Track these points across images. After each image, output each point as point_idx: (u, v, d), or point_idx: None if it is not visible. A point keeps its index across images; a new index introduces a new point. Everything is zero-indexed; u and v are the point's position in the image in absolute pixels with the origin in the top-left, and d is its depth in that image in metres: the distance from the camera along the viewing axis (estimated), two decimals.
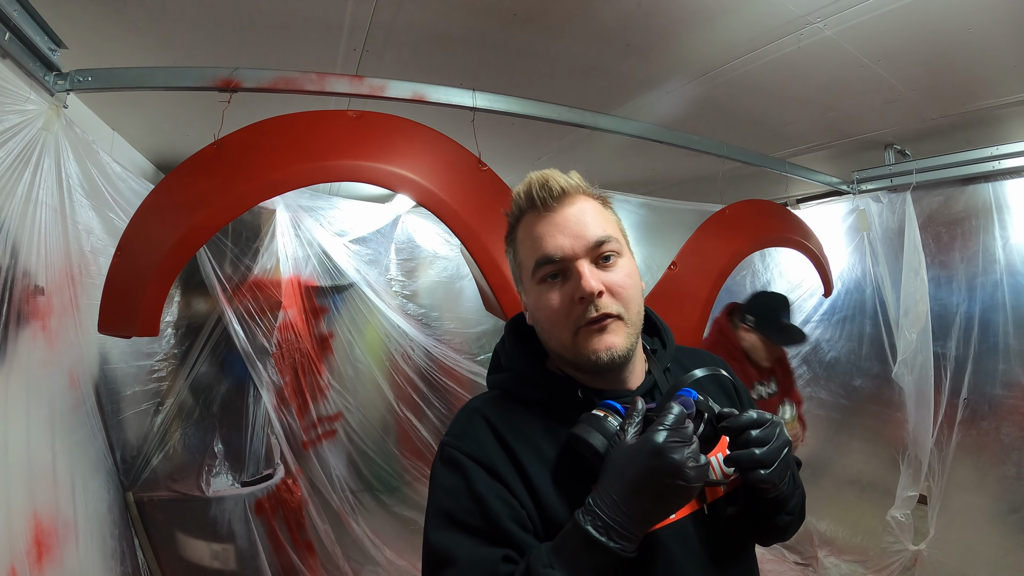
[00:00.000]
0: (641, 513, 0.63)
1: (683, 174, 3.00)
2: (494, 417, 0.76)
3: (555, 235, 0.74)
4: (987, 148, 2.29)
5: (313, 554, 2.57)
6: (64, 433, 1.56)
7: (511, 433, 0.74)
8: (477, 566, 0.65)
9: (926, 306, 2.36)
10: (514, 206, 0.80)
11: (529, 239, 0.76)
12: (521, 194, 0.78)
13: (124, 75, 1.48)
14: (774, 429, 0.71)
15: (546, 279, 0.74)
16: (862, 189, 2.73)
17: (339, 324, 2.96)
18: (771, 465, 0.69)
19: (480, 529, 0.67)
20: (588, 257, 0.73)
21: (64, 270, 1.53)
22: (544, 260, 0.73)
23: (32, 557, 1.32)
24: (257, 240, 2.56)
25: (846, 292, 2.89)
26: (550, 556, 0.63)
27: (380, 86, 1.62)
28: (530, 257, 0.75)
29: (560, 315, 0.73)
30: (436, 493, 0.73)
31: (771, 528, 0.82)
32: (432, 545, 0.69)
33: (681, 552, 0.72)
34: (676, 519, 0.73)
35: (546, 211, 0.76)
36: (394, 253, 3.19)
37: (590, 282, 0.71)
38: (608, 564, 0.62)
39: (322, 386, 2.81)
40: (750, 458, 0.69)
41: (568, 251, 0.73)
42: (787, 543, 3.01)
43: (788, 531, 0.85)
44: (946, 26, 1.60)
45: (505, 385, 0.82)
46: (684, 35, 1.68)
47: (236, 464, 2.38)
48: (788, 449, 0.72)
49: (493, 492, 0.69)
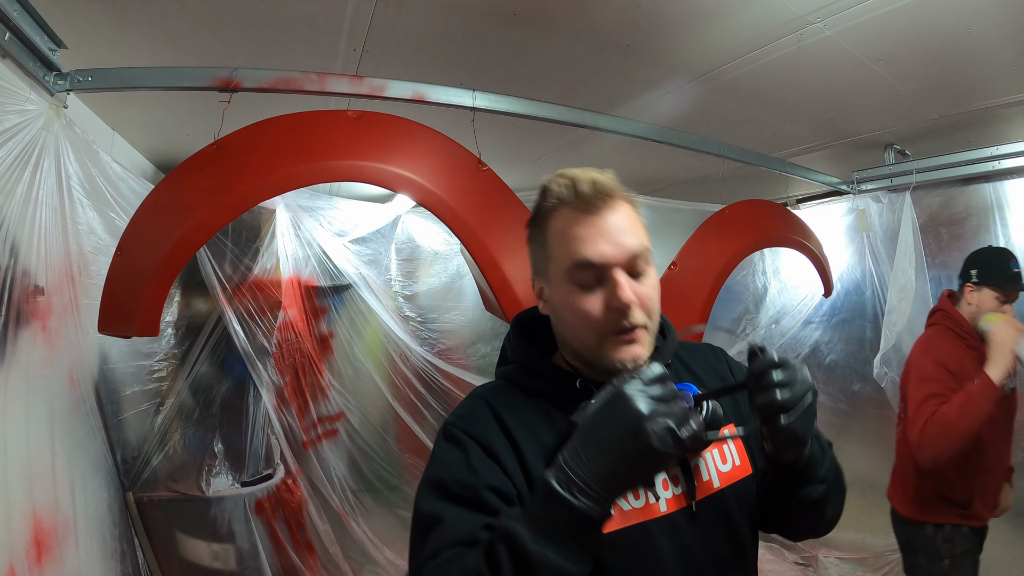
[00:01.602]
0: (603, 468, 0.60)
1: (683, 174, 3.01)
2: (497, 403, 0.78)
3: (597, 240, 0.72)
4: (987, 148, 2.29)
5: (313, 554, 2.57)
6: (64, 433, 1.56)
7: (512, 419, 0.75)
8: (461, 527, 0.65)
9: (909, 305, 2.36)
10: (550, 194, 0.76)
11: (567, 237, 0.74)
12: (563, 186, 0.75)
13: (124, 75, 1.49)
14: (796, 372, 0.68)
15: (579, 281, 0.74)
16: (862, 189, 2.73)
17: (339, 324, 2.96)
18: (793, 408, 0.66)
19: (469, 500, 0.68)
20: (624, 266, 0.73)
21: (64, 270, 1.53)
22: (584, 264, 0.72)
23: (31, 557, 1.32)
24: (257, 240, 2.56)
25: (845, 293, 2.88)
26: (518, 510, 0.63)
27: (380, 86, 1.62)
28: (566, 256, 0.74)
29: (590, 319, 0.73)
30: (433, 465, 0.74)
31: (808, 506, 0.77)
32: (421, 510, 0.70)
33: (669, 548, 0.72)
34: (665, 514, 0.73)
35: (588, 212, 0.73)
36: (394, 253, 3.20)
37: (628, 294, 0.71)
38: (570, 522, 0.60)
39: (322, 386, 2.81)
40: (771, 403, 0.66)
41: (609, 258, 0.72)
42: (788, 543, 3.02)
43: (827, 505, 0.79)
44: (946, 26, 1.60)
45: (511, 376, 0.83)
46: (684, 35, 1.68)
47: (236, 464, 2.38)
48: (814, 397, 0.69)
49: (488, 470, 0.70)
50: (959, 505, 1.75)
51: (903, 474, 1.88)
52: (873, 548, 2.66)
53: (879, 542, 2.64)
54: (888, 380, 2.42)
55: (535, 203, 0.80)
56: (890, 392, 2.43)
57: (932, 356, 1.79)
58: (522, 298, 1.59)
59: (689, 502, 0.75)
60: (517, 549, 0.59)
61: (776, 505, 0.82)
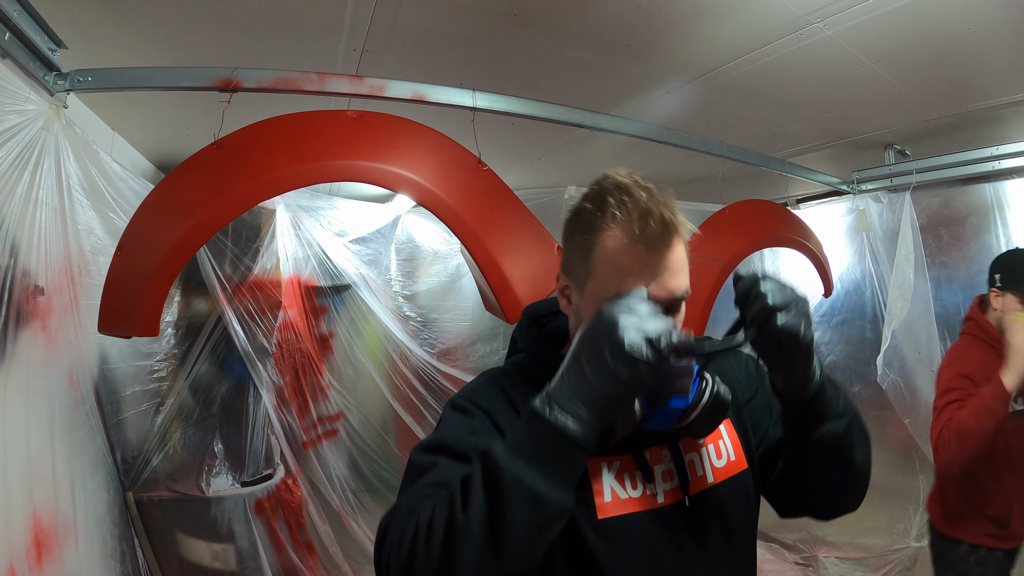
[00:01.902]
0: (581, 382, 0.60)
1: (683, 174, 3.00)
2: (507, 384, 0.80)
3: (647, 280, 0.69)
4: (987, 148, 2.29)
5: (313, 554, 2.57)
6: (64, 433, 1.55)
7: (520, 400, 0.76)
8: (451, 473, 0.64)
9: (907, 305, 2.36)
10: (609, 210, 0.70)
11: (620, 266, 0.70)
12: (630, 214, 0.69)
13: (124, 75, 1.48)
14: (781, 281, 0.68)
15: None
16: (862, 189, 2.73)
17: (339, 324, 2.96)
18: (787, 307, 0.65)
19: (466, 457, 0.66)
20: (665, 306, 0.71)
21: (64, 270, 1.53)
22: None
23: (32, 557, 1.32)
24: (257, 240, 2.56)
25: (845, 294, 2.88)
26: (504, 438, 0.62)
27: (380, 86, 1.62)
28: (613, 285, 0.70)
29: None
30: (436, 431, 0.76)
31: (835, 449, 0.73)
32: (414, 461, 0.70)
33: (663, 539, 0.73)
34: (661, 505, 0.74)
35: (648, 249, 0.69)
36: (394, 253, 3.19)
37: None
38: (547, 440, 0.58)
39: (322, 386, 2.81)
40: (763, 307, 0.65)
41: (655, 299, 0.69)
42: (788, 543, 3.02)
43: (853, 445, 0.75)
44: (946, 26, 1.60)
45: (521, 363, 0.85)
46: (684, 35, 1.68)
47: (236, 464, 2.38)
48: (806, 303, 0.68)
49: (490, 437, 0.69)
50: (995, 522, 1.69)
51: (941, 487, 1.83)
52: (873, 548, 2.66)
53: (879, 542, 2.64)
54: (889, 382, 2.42)
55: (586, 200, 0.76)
56: (892, 394, 2.42)
57: (957, 367, 1.75)
58: (522, 298, 1.59)
59: (682, 496, 0.76)
60: (490, 467, 0.57)
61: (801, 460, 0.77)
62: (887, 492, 2.60)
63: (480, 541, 0.55)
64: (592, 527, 0.70)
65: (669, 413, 0.70)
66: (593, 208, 0.73)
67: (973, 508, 1.72)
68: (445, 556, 0.56)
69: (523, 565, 0.57)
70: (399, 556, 0.59)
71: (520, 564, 0.57)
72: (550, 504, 0.57)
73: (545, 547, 0.59)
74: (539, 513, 0.56)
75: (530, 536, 0.56)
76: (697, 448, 0.80)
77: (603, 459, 0.75)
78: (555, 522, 0.58)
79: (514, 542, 0.55)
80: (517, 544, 0.56)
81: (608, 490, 0.73)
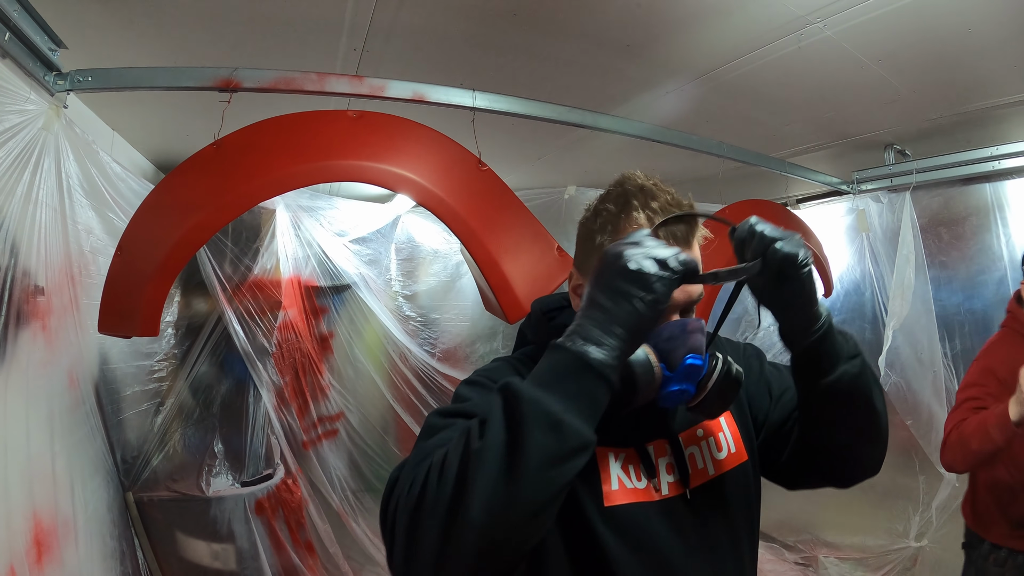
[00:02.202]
0: (599, 314, 0.59)
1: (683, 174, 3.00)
2: (521, 368, 0.80)
3: None
4: (987, 148, 2.29)
5: (313, 554, 2.57)
6: (64, 433, 1.56)
7: None
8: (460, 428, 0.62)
9: (908, 305, 2.36)
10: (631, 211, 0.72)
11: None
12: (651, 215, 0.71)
13: (124, 75, 1.49)
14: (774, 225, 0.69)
15: None
16: (862, 189, 2.72)
17: (339, 324, 2.96)
18: (784, 238, 0.66)
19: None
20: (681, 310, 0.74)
21: (64, 270, 1.53)
22: None
23: (32, 557, 1.32)
24: (257, 240, 2.56)
25: (845, 294, 2.88)
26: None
27: (380, 86, 1.62)
28: None
29: None
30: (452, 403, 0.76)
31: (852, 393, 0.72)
32: (428, 423, 0.70)
33: (666, 530, 0.73)
34: (665, 497, 0.75)
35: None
36: (394, 253, 3.20)
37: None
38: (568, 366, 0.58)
39: (322, 386, 2.81)
40: (761, 240, 0.66)
41: (673, 304, 0.71)
42: (787, 543, 3.02)
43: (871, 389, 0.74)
44: (946, 26, 1.60)
45: (531, 354, 0.85)
46: (684, 35, 1.68)
47: (236, 464, 2.38)
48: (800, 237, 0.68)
49: None
50: (1019, 524, 1.66)
51: (972, 485, 1.81)
52: (873, 548, 2.66)
53: (879, 542, 2.64)
54: (891, 383, 2.41)
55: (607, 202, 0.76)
56: (894, 396, 2.42)
57: (983, 361, 1.75)
58: (522, 298, 1.59)
59: (684, 489, 0.77)
60: (509, 395, 0.56)
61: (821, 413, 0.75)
62: (887, 492, 2.60)
63: (495, 465, 0.52)
64: (599, 514, 0.71)
65: (688, 371, 0.69)
66: (616, 210, 0.74)
67: (998, 508, 1.70)
68: (458, 485, 0.53)
69: (537, 501, 0.53)
70: (409, 496, 0.56)
71: (535, 498, 0.53)
72: (569, 430, 0.55)
73: (561, 487, 0.55)
74: (558, 438, 0.54)
75: (547, 464, 0.53)
76: (697, 441, 0.81)
77: (610, 449, 0.75)
78: (574, 454, 0.55)
79: (531, 467, 0.52)
80: (534, 470, 0.53)
81: (615, 479, 0.74)
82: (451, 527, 0.52)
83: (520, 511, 0.53)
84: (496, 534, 0.52)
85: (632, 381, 0.66)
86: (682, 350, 0.69)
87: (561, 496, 0.56)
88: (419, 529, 0.54)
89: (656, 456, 0.78)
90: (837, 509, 2.91)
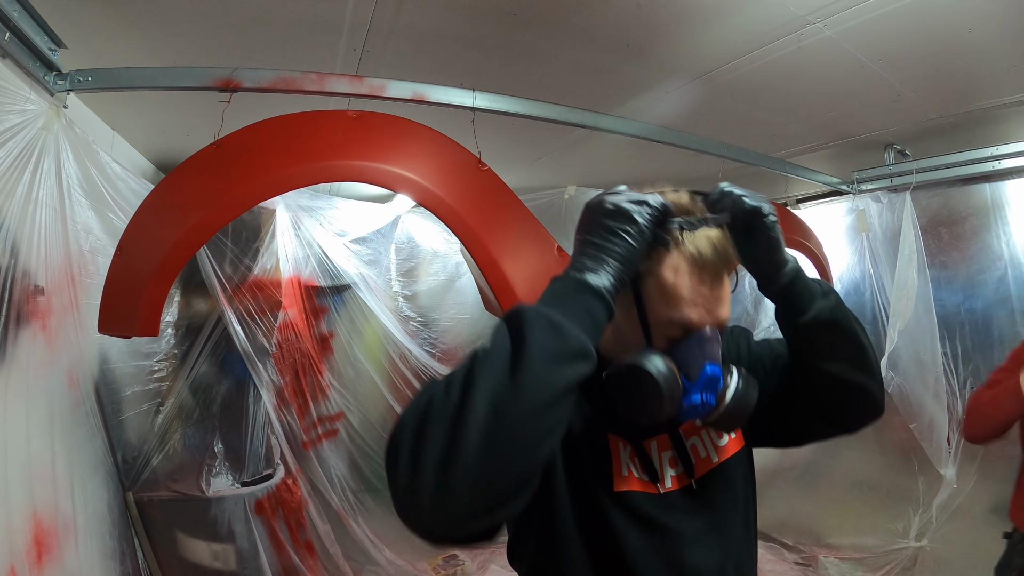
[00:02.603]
0: (592, 251, 0.65)
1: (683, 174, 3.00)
2: None
3: (700, 308, 0.72)
4: (987, 148, 2.29)
5: (313, 554, 2.58)
6: (64, 433, 1.56)
7: None
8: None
9: (911, 305, 2.36)
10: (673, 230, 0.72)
11: (676, 290, 0.71)
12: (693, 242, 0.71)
13: (124, 75, 1.48)
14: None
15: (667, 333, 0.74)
16: (862, 189, 2.73)
17: (339, 324, 2.96)
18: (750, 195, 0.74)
19: None
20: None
21: (64, 270, 1.53)
22: (681, 325, 0.72)
23: (32, 557, 1.32)
24: (257, 240, 2.56)
25: (845, 294, 2.87)
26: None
27: (380, 86, 1.62)
28: (666, 308, 0.72)
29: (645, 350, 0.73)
30: None
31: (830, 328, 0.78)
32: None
33: (674, 520, 0.75)
34: (670, 490, 0.77)
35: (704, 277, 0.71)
36: (394, 253, 3.20)
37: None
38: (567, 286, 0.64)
39: (322, 386, 2.81)
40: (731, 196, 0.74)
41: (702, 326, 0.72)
42: (787, 543, 3.02)
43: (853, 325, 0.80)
44: (946, 26, 1.60)
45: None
46: (684, 35, 1.68)
47: (236, 464, 2.38)
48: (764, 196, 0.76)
49: None
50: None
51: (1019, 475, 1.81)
52: (873, 548, 2.66)
53: (879, 543, 2.64)
54: (895, 385, 2.41)
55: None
56: (897, 398, 2.42)
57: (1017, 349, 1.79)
58: (522, 298, 1.58)
59: (689, 480, 0.78)
60: (512, 313, 0.59)
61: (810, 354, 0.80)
62: (887, 493, 2.60)
63: (499, 365, 0.54)
64: (610, 498, 0.73)
65: (708, 381, 0.70)
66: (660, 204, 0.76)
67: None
68: (464, 389, 0.53)
69: (539, 398, 0.54)
70: (415, 408, 0.56)
71: (537, 393, 0.53)
72: (569, 333, 0.57)
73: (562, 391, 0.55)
74: (558, 338, 0.56)
75: (549, 360, 0.55)
76: (698, 431, 0.83)
77: (620, 439, 0.77)
78: (574, 357, 0.57)
79: (533, 362, 0.54)
80: (536, 365, 0.54)
81: (625, 467, 0.76)
82: (456, 428, 0.51)
83: (522, 407, 0.53)
84: (499, 433, 0.52)
85: (657, 392, 0.66)
86: (702, 358, 0.71)
87: (562, 408, 0.56)
88: (425, 434, 0.53)
89: (659, 451, 0.79)
90: (837, 510, 2.91)
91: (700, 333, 0.71)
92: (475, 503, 0.52)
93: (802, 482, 3.04)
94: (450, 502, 0.51)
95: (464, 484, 0.51)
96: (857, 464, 2.84)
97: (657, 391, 0.66)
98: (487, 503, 0.52)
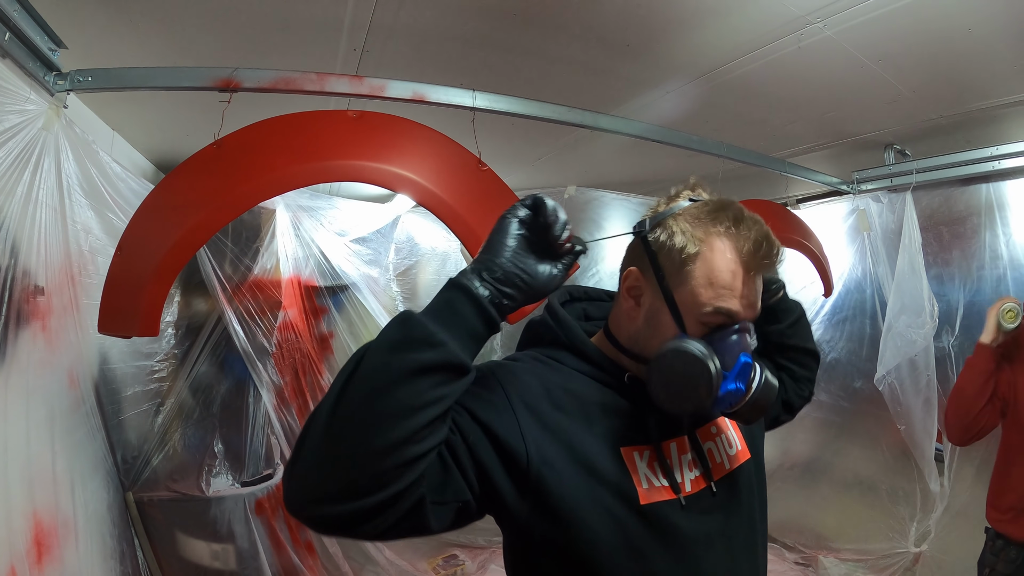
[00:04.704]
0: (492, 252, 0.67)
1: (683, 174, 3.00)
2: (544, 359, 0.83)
3: (743, 300, 0.74)
4: (987, 148, 2.28)
5: (313, 554, 2.58)
6: (64, 433, 1.56)
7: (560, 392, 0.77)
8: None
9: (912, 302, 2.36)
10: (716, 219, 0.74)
11: (721, 282, 0.73)
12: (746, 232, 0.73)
13: (124, 75, 1.48)
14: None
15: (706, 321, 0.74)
16: (862, 189, 2.72)
17: (339, 324, 2.96)
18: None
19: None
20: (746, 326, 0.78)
21: (64, 270, 1.53)
22: (724, 314, 0.73)
23: (32, 557, 1.32)
24: (257, 240, 2.56)
25: (846, 293, 2.88)
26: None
27: (380, 86, 1.62)
28: (709, 299, 0.73)
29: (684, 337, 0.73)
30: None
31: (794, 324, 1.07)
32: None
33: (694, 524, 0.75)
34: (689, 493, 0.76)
35: (748, 270, 0.74)
36: (394, 253, 3.20)
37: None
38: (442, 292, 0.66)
39: (322, 386, 2.80)
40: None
41: (741, 318, 0.75)
42: (788, 543, 3.02)
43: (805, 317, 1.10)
44: (946, 27, 1.60)
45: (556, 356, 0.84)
46: (684, 35, 1.68)
47: (236, 464, 2.38)
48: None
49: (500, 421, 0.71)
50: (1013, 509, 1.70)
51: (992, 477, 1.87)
52: (873, 549, 2.66)
53: (879, 546, 2.63)
54: (887, 385, 2.41)
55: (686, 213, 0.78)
56: (888, 398, 2.42)
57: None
58: None
59: (708, 483, 0.79)
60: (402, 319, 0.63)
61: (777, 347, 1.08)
62: (887, 495, 2.60)
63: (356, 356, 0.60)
64: (636, 514, 0.72)
65: (743, 369, 0.73)
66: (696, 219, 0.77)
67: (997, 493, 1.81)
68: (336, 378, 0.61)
69: (374, 382, 0.58)
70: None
71: (371, 378, 0.58)
72: (414, 324, 0.62)
73: (399, 376, 0.58)
74: (403, 330, 0.61)
75: (389, 351, 0.60)
76: (712, 437, 0.84)
77: (635, 448, 0.76)
78: (413, 344, 0.60)
79: (376, 351, 0.60)
80: (378, 353, 0.60)
81: (644, 478, 0.75)
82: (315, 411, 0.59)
83: (358, 389, 0.58)
84: (338, 412, 0.58)
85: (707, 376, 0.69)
86: (737, 350, 0.74)
87: (401, 393, 0.58)
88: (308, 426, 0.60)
89: (679, 453, 0.79)
90: (838, 512, 2.91)
91: (743, 324, 0.74)
92: (326, 482, 0.57)
93: (803, 482, 3.04)
94: (303, 477, 0.58)
95: (310, 460, 0.58)
96: (859, 464, 2.84)
97: (707, 376, 0.68)
98: (337, 484, 0.57)
